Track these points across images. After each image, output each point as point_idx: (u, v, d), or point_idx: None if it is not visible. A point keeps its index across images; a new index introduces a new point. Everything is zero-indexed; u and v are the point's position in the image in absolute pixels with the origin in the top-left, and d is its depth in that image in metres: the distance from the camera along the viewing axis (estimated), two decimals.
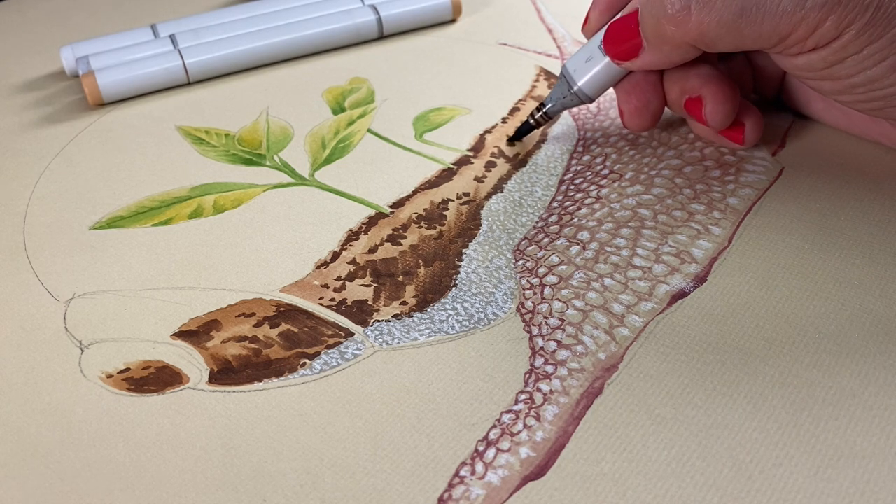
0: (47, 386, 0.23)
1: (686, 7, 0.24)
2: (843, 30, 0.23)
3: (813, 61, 0.24)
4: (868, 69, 0.23)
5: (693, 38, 0.25)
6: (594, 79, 0.29)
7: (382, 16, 0.40)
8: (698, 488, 0.20)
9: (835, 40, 0.23)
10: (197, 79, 0.37)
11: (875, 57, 0.23)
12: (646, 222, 0.27)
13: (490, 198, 0.29)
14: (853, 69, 0.24)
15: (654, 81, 0.28)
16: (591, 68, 0.28)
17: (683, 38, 0.25)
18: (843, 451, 0.20)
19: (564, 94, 0.30)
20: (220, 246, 0.28)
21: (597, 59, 0.28)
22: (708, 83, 0.27)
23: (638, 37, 0.26)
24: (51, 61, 0.40)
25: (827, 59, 0.24)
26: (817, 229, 0.27)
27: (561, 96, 0.30)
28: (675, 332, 0.24)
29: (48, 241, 0.29)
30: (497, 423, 0.21)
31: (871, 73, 0.23)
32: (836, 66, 0.24)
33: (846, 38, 0.23)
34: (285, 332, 0.24)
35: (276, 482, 0.20)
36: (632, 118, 0.29)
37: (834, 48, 0.23)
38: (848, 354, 0.23)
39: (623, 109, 0.29)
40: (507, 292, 0.25)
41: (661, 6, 0.25)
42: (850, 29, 0.22)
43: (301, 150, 0.33)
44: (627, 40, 0.27)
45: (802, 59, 0.24)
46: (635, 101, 0.28)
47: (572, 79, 0.29)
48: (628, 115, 0.29)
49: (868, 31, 0.22)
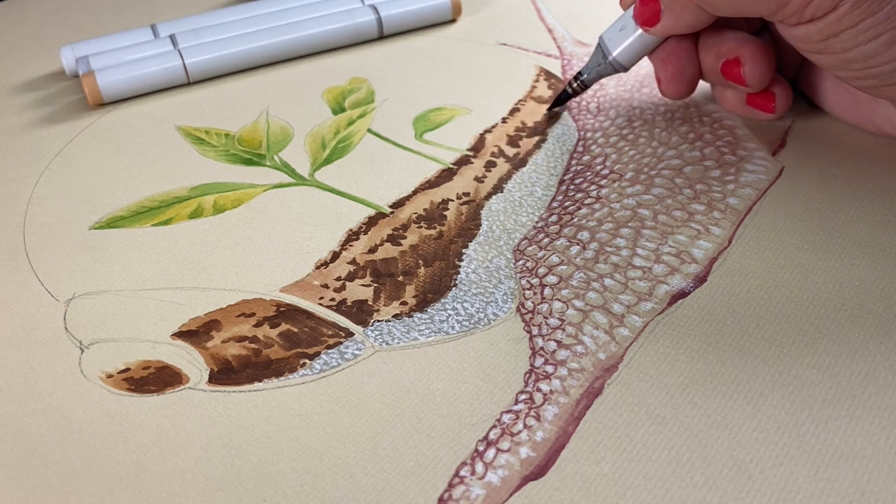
0: (47, 386, 0.23)
1: None
2: (840, 2, 0.23)
3: (810, 32, 0.25)
4: (863, 44, 0.24)
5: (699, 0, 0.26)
6: (628, 48, 0.30)
7: (382, 16, 0.40)
8: (698, 488, 0.20)
9: (831, 12, 0.24)
10: (197, 79, 0.37)
11: (870, 32, 0.24)
12: (646, 222, 0.27)
13: (490, 198, 0.29)
14: (849, 43, 0.24)
15: (689, 48, 0.30)
16: (626, 38, 0.30)
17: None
18: (843, 451, 0.20)
19: (600, 62, 0.31)
20: (220, 246, 0.28)
21: (629, 28, 0.30)
22: (745, 44, 0.28)
23: (658, 1, 0.28)
24: (51, 61, 0.40)
25: (823, 31, 0.24)
26: (817, 229, 0.27)
27: (596, 65, 0.31)
28: (675, 332, 0.24)
29: (48, 241, 0.29)
30: (497, 423, 0.21)
31: (866, 49, 0.24)
32: (831, 40, 0.24)
33: (842, 10, 0.23)
34: (285, 332, 0.24)
35: (276, 482, 0.20)
36: (669, 85, 0.30)
37: (830, 20, 0.24)
38: (848, 354, 0.23)
39: (660, 77, 0.30)
40: (507, 292, 0.25)
41: None
42: (846, 1, 0.23)
43: (301, 150, 0.33)
44: (650, 5, 0.28)
45: (801, 30, 0.25)
46: (671, 67, 0.30)
47: (607, 48, 0.30)
48: (665, 83, 0.30)
49: (863, 4, 0.23)
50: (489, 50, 0.39)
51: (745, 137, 0.31)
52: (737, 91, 0.30)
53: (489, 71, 0.37)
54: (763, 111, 0.30)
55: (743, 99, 0.30)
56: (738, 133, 0.31)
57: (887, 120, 0.29)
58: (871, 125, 0.30)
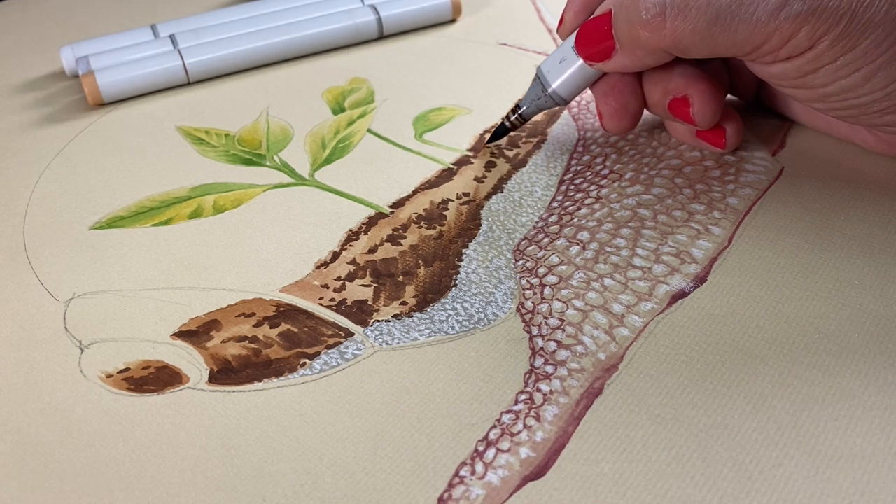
0: (47, 386, 0.23)
1: (661, 14, 0.24)
2: (817, 40, 0.23)
3: (787, 70, 0.24)
4: (842, 79, 0.23)
5: (667, 45, 0.24)
6: (568, 80, 0.28)
7: (382, 16, 0.40)
8: (698, 488, 0.20)
9: (809, 50, 0.23)
10: (197, 79, 0.37)
11: (848, 67, 0.23)
12: (646, 222, 0.27)
13: (490, 198, 0.29)
14: (827, 79, 0.24)
15: (632, 82, 0.28)
16: (566, 70, 0.28)
17: (658, 44, 0.25)
18: (843, 451, 0.20)
19: (539, 95, 0.29)
20: (220, 246, 0.28)
21: (571, 60, 0.28)
22: (694, 82, 0.27)
23: (611, 38, 0.26)
24: (51, 61, 0.40)
25: (801, 69, 0.24)
26: (817, 229, 0.27)
27: (535, 98, 0.29)
28: (675, 332, 0.24)
29: (48, 241, 0.29)
30: (497, 423, 0.21)
31: (845, 83, 0.24)
32: (809, 76, 0.24)
33: (820, 49, 0.23)
34: (285, 332, 0.24)
35: (276, 482, 0.20)
36: (611, 120, 0.28)
37: (808, 58, 0.23)
38: (848, 354, 0.22)
39: (602, 111, 0.29)
40: (507, 292, 0.25)
41: (635, 11, 0.24)
42: (824, 40, 0.22)
43: (301, 150, 0.33)
44: (600, 42, 0.26)
45: (777, 68, 0.24)
46: (613, 102, 0.28)
47: (546, 81, 0.29)
48: (607, 117, 0.28)
49: (841, 42, 0.22)
50: (489, 50, 0.39)
51: (745, 137, 0.31)
52: (686, 125, 0.29)
53: (489, 71, 0.37)
54: (713, 146, 0.29)
55: (693, 132, 0.29)
56: None
57: (863, 140, 0.29)
58: (846, 139, 0.30)
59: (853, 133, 0.29)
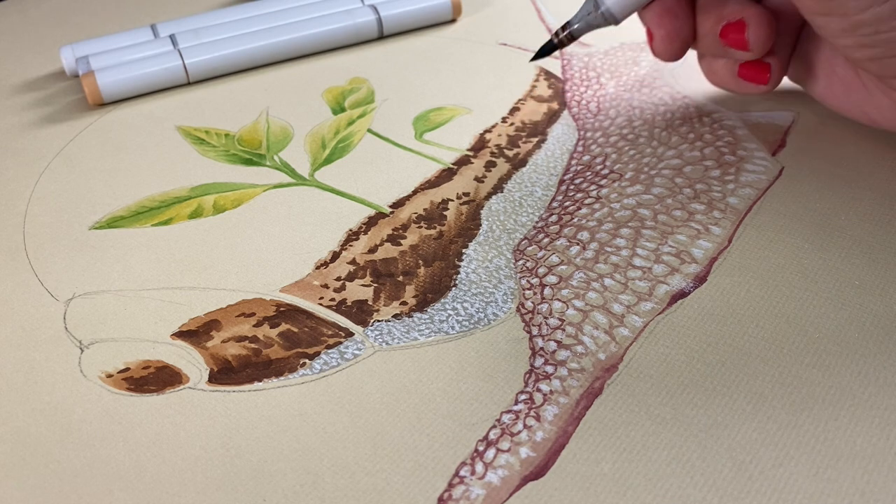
0: (47, 386, 0.23)
1: None
2: None
3: None
4: (878, 5, 0.23)
5: None
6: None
7: (382, 16, 0.40)
8: (698, 488, 0.20)
9: None
10: (197, 79, 0.37)
11: None
12: (646, 222, 0.27)
13: (490, 198, 0.29)
14: (864, 2, 0.23)
15: (686, 8, 0.28)
16: None
17: None
18: (843, 451, 0.20)
19: (590, 10, 0.28)
20: (220, 246, 0.28)
21: None
22: (748, 7, 0.27)
23: None
24: (51, 61, 0.40)
25: None
26: (817, 229, 0.27)
27: (586, 14, 0.29)
28: (675, 332, 0.24)
29: (48, 241, 0.29)
30: (497, 423, 0.21)
31: (880, 11, 0.23)
32: None
33: None
34: (285, 332, 0.24)
35: (276, 482, 0.20)
36: (661, 43, 0.29)
37: None
38: (848, 354, 0.22)
39: (654, 34, 0.29)
40: (507, 292, 0.25)
41: None
42: None
43: (301, 150, 0.33)
44: None
45: None
46: (668, 24, 0.28)
47: None
48: (658, 41, 0.29)
49: None
50: (489, 50, 0.39)
51: (745, 137, 0.31)
52: (729, 61, 0.29)
53: (489, 71, 0.37)
54: (755, 83, 0.29)
55: (734, 71, 0.29)
56: (737, 133, 0.31)
57: (878, 110, 0.28)
58: (861, 115, 0.29)
59: (869, 104, 0.28)
